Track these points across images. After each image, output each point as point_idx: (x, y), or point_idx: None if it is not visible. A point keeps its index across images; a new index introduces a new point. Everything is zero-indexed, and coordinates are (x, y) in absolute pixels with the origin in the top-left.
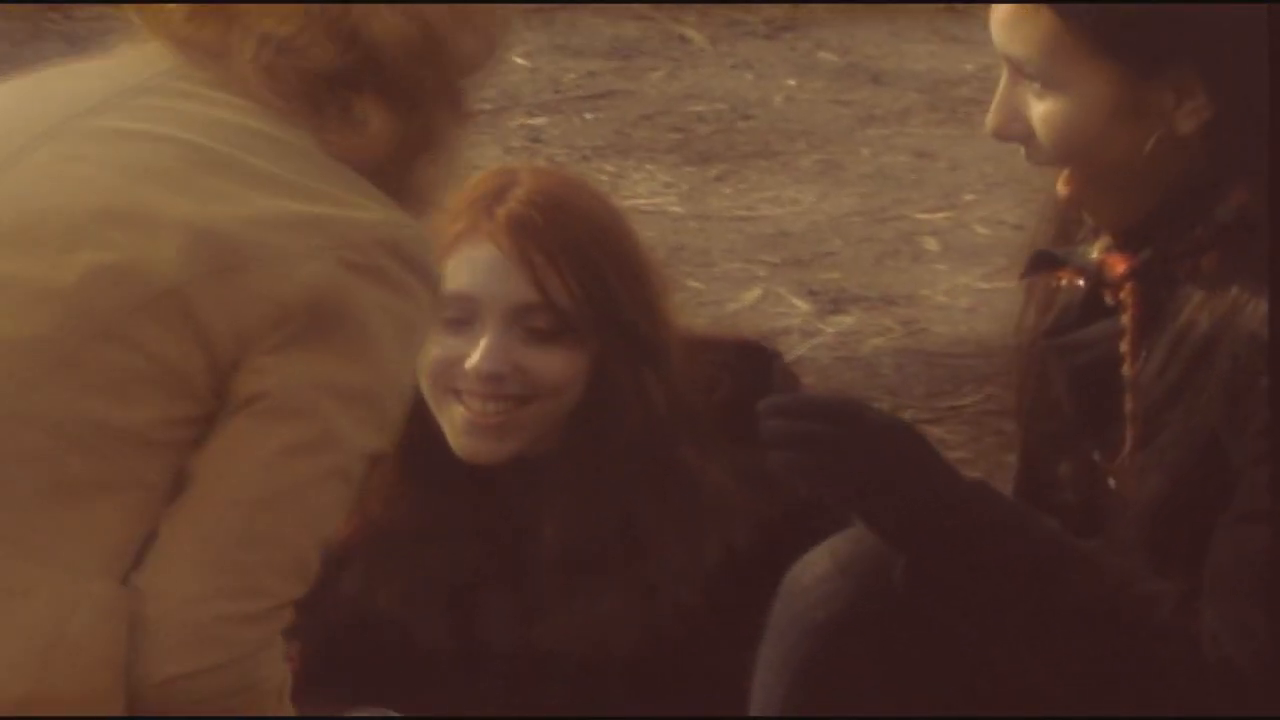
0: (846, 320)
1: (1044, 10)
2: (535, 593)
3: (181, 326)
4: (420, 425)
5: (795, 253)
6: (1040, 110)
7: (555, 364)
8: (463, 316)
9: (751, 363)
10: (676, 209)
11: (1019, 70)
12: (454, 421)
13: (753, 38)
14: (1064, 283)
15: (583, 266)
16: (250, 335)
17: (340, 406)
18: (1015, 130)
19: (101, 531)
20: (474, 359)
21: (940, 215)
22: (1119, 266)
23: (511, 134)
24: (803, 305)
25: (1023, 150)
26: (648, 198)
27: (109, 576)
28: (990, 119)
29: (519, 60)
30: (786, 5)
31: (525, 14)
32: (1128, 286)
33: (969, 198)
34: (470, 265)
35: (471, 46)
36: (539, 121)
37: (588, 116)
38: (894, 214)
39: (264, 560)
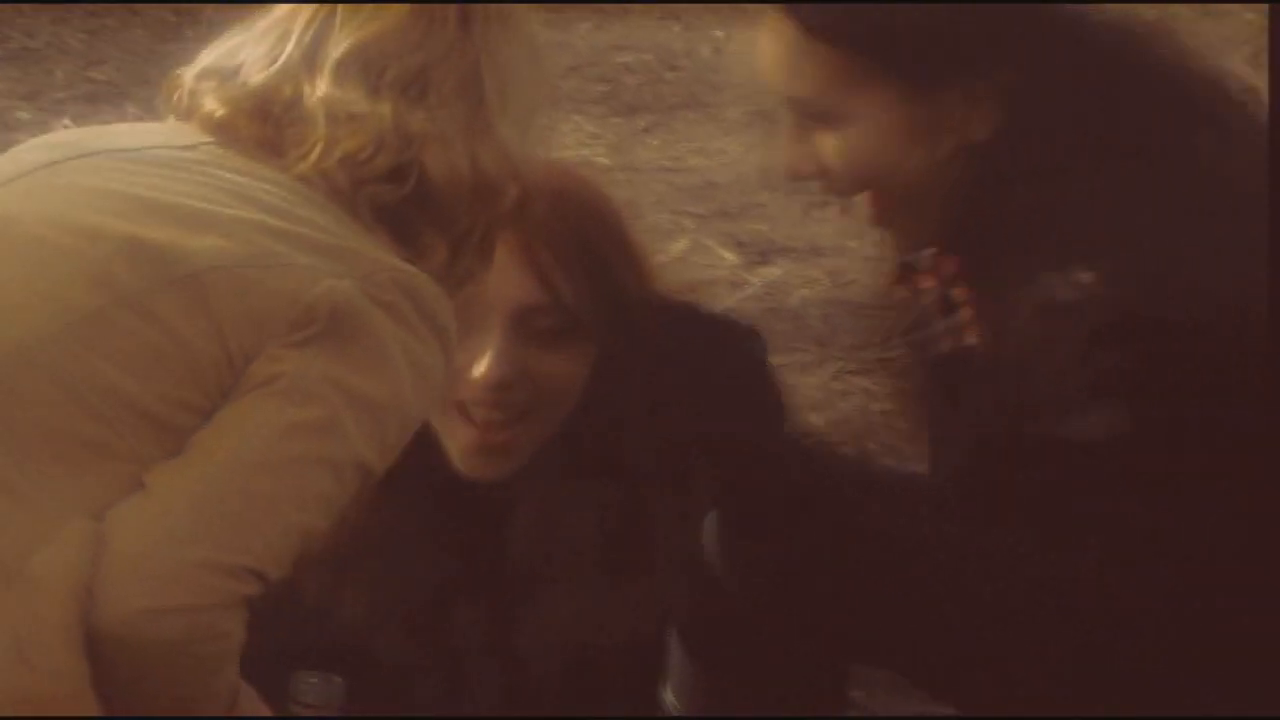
0: (774, 272)
1: (818, 47)
2: (510, 600)
3: (200, 312)
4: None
5: (723, 204)
6: (832, 145)
7: (562, 367)
8: (465, 321)
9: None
10: (604, 160)
11: (803, 111)
12: (461, 441)
13: None
14: (923, 286)
15: (590, 261)
16: (269, 328)
17: (347, 405)
18: (810, 170)
19: (85, 490)
20: (482, 366)
21: None
22: (950, 267)
23: None
24: (730, 256)
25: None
26: (574, 149)
27: (80, 521)
28: (783, 163)
29: None
30: None
31: None
32: (961, 286)
33: None
34: None
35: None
36: None
37: None
38: None
39: (255, 521)
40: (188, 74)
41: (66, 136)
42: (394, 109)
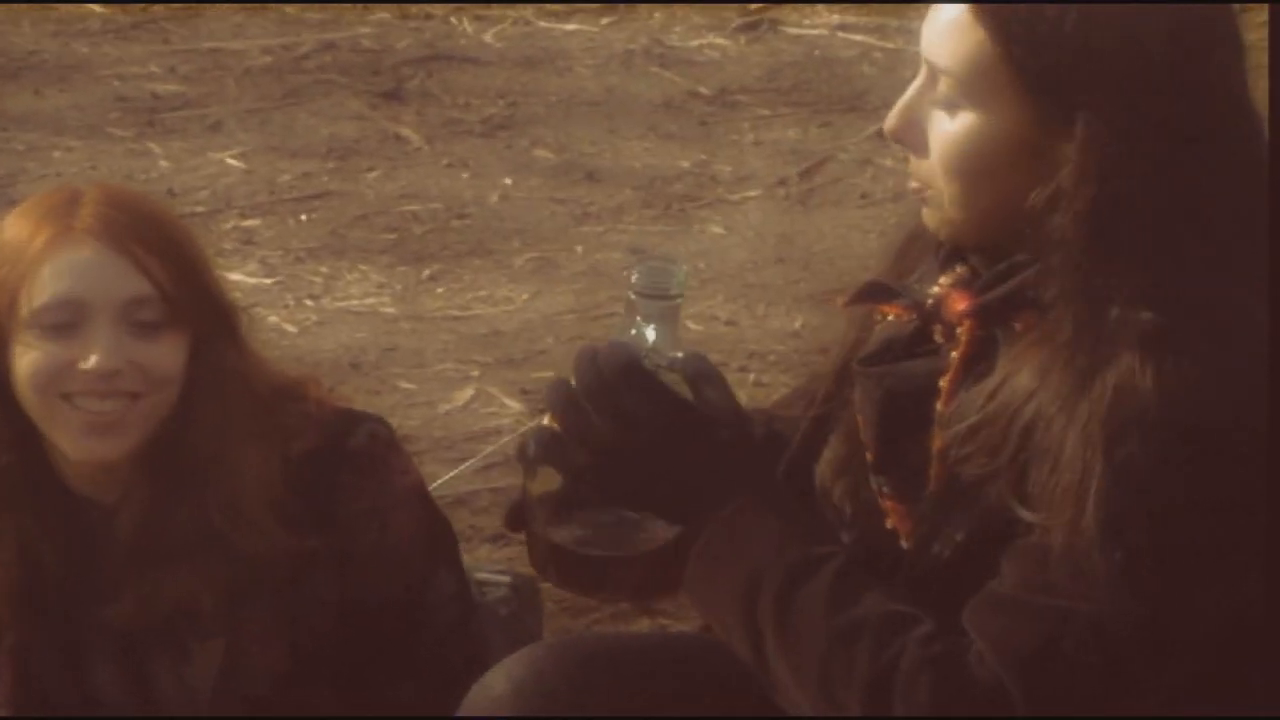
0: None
1: (982, 27)
2: (108, 580)
3: None
4: (18, 453)
5: (508, 352)
6: (945, 125)
7: (166, 354)
8: (68, 320)
9: (342, 427)
10: (390, 310)
11: (934, 79)
12: (70, 425)
13: (469, 136)
14: (891, 316)
15: (177, 255)
16: None
17: None
18: (910, 138)
19: None
20: (91, 359)
21: None
22: (959, 304)
23: (224, 236)
24: (514, 405)
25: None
26: (360, 299)
27: None
28: (890, 120)
29: (232, 161)
30: (503, 105)
31: (240, 115)
32: (965, 324)
33: None
34: (71, 268)
35: None
36: (252, 223)
37: (302, 218)
38: (608, 310)
39: None
40: None
41: None
42: None
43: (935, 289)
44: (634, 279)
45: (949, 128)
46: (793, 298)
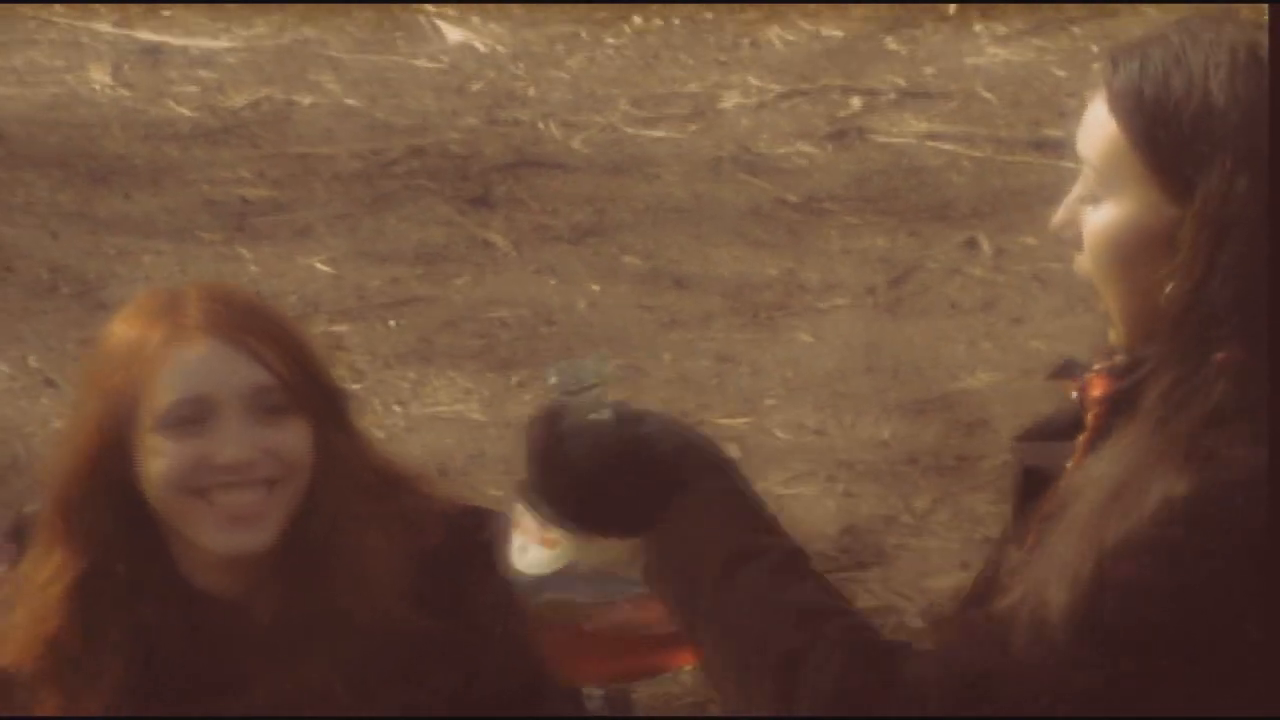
0: None
1: (1114, 117)
2: (234, 673)
3: None
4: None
5: None
6: (1090, 218)
7: (294, 438)
8: (195, 416)
9: (473, 521)
10: (477, 416)
11: (1086, 174)
12: (208, 521)
13: (557, 242)
14: (1071, 394)
15: (288, 343)
16: None
17: None
18: (1069, 233)
19: None
20: (226, 452)
21: (741, 420)
22: (1096, 389)
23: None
24: None
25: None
26: (448, 405)
27: None
28: (1055, 217)
29: (321, 266)
30: (591, 211)
31: (329, 220)
32: (1095, 410)
33: (769, 402)
34: (190, 366)
35: None
36: (341, 328)
37: (391, 323)
38: (695, 419)
39: None
40: None
41: None
42: None
43: (1089, 374)
44: (552, 381)
45: (1092, 220)
46: (881, 407)
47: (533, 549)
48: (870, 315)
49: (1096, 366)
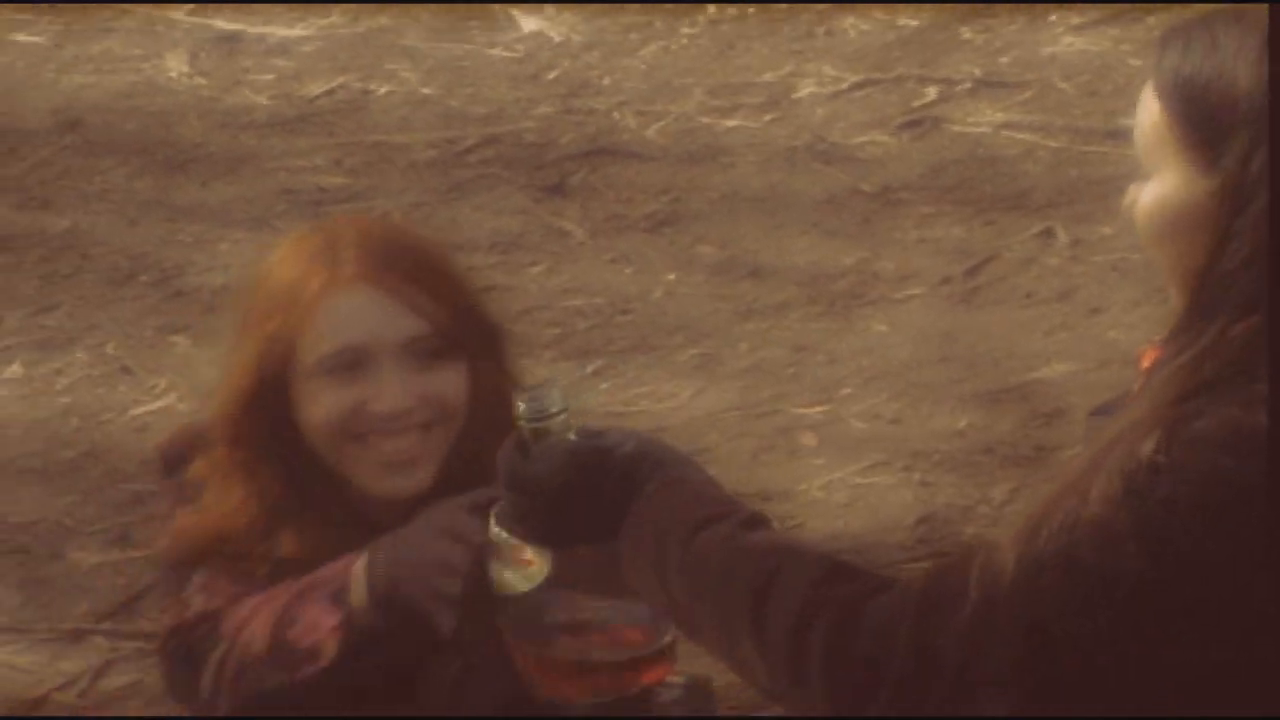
0: None
1: (1155, 97)
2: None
3: None
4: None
5: None
6: (1140, 193)
7: (450, 383)
8: (351, 363)
9: None
10: None
11: (1137, 154)
12: (367, 465)
13: (633, 231)
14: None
15: (445, 286)
16: None
17: None
18: (1130, 210)
19: None
20: (383, 401)
21: (817, 409)
22: (1146, 359)
23: None
24: None
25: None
26: None
27: None
28: (1123, 199)
29: None
30: (666, 200)
31: (404, 208)
32: (1140, 381)
33: (846, 392)
34: (347, 315)
35: None
36: None
37: None
38: (771, 409)
39: None
40: None
41: None
42: None
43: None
44: (520, 409)
45: (1142, 198)
46: (957, 397)
47: (509, 570)
48: (946, 305)
49: (1156, 338)
